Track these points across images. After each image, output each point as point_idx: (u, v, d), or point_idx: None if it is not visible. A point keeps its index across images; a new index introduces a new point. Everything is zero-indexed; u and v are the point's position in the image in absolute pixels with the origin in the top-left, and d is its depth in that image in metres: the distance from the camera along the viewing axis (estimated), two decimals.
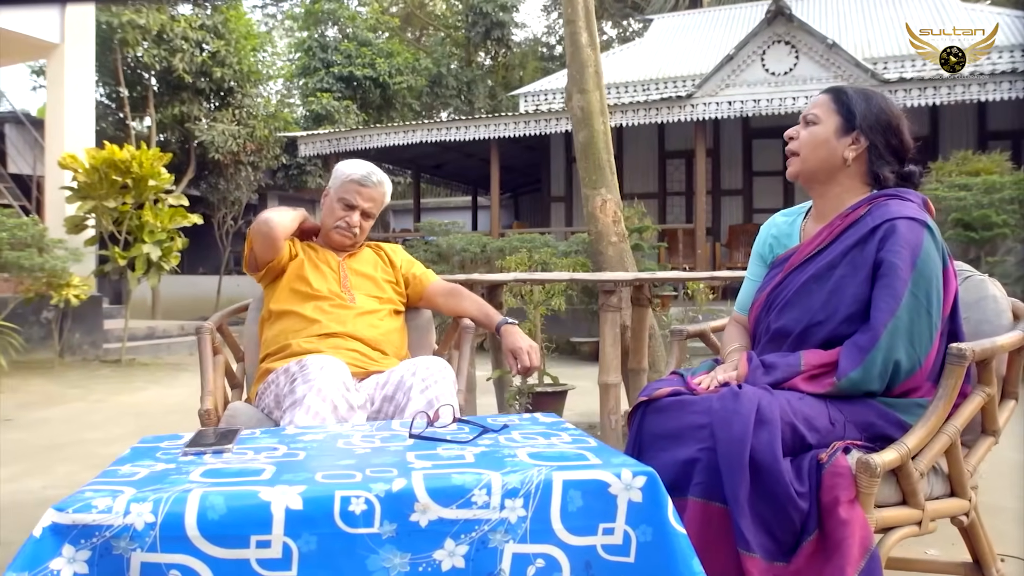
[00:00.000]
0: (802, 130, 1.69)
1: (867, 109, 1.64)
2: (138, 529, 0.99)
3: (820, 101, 1.70)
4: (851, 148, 1.63)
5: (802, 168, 1.70)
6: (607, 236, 3.92)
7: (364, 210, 2.25)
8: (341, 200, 2.25)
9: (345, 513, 1.03)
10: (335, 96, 16.68)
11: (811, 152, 1.67)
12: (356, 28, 18.29)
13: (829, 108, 1.67)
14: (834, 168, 1.66)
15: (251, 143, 12.90)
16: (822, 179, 1.69)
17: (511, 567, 1.08)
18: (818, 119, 1.67)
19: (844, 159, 1.64)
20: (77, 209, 6.79)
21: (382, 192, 2.29)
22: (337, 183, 2.27)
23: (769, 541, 1.35)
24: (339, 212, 2.25)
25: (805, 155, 1.69)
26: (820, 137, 1.66)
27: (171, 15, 11.05)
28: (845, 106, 1.65)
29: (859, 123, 1.63)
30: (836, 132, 1.64)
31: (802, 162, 1.69)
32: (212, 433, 1.38)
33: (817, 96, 1.72)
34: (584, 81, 3.95)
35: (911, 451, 1.37)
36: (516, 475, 1.10)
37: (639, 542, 1.12)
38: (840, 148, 1.64)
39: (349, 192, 2.24)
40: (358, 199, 2.23)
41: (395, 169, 16.60)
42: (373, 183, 2.24)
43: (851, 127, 1.63)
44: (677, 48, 11.98)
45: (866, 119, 1.63)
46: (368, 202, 2.25)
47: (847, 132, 1.64)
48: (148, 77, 11.75)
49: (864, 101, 1.66)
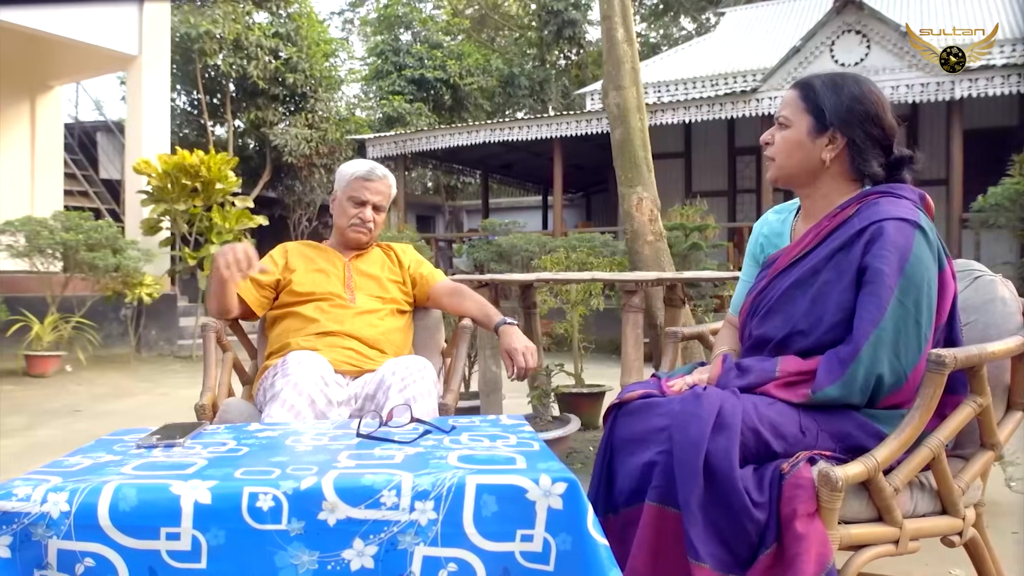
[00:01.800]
0: (776, 133, 1.58)
1: (837, 102, 1.51)
2: (54, 517, 1.02)
3: (788, 100, 1.58)
4: (828, 149, 1.52)
5: (779, 174, 1.60)
6: (643, 235, 3.84)
7: (374, 204, 2.30)
8: (351, 199, 2.29)
9: (253, 509, 1.05)
10: (407, 99, 17.00)
11: (787, 158, 1.56)
12: (428, 31, 18.59)
13: (798, 107, 1.55)
14: (814, 170, 1.55)
15: (323, 146, 13.28)
16: (804, 182, 1.58)
17: (421, 570, 1.07)
18: (789, 121, 1.55)
19: (823, 160, 1.53)
20: (151, 212, 7.16)
21: (388, 185, 2.33)
22: (343, 184, 2.32)
23: (723, 551, 1.29)
24: (351, 210, 2.29)
25: (780, 162, 1.58)
26: (793, 141, 1.54)
27: (246, 24, 11.50)
28: (813, 103, 1.53)
29: (830, 120, 1.51)
30: (809, 133, 1.52)
31: (779, 168, 1.59)
32: (176, 428, 1.43)
33: (786, 93, 1.60)
34: (620, 78, 3.88)
35: (880, 465, 1.28)
36: (427, 477, 1.09)
37: (559, 551, 1.09)
38: (816, 150, 1.52)
39: (357, 189, 2.28)
40: (366, 194, 2.27)
41: (465, 169, 16.80)
42: (378, 176, 2.29)
43: (824, 126, 1.51)
44: (748, 41, 11.63)
45: (837, 114, 1.50)
46: (376, 195, 2.30)
47: (821, 132, 1.52)
48: (226, 84, 12.26)
49: (833, 92, 1.52)
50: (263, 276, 2.28)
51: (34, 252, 5.86)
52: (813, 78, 1.56)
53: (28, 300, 6.06)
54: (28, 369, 5.88)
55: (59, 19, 6.87)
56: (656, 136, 11.81)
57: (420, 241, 10.09)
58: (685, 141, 11.54)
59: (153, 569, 1.04)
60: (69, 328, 6.03)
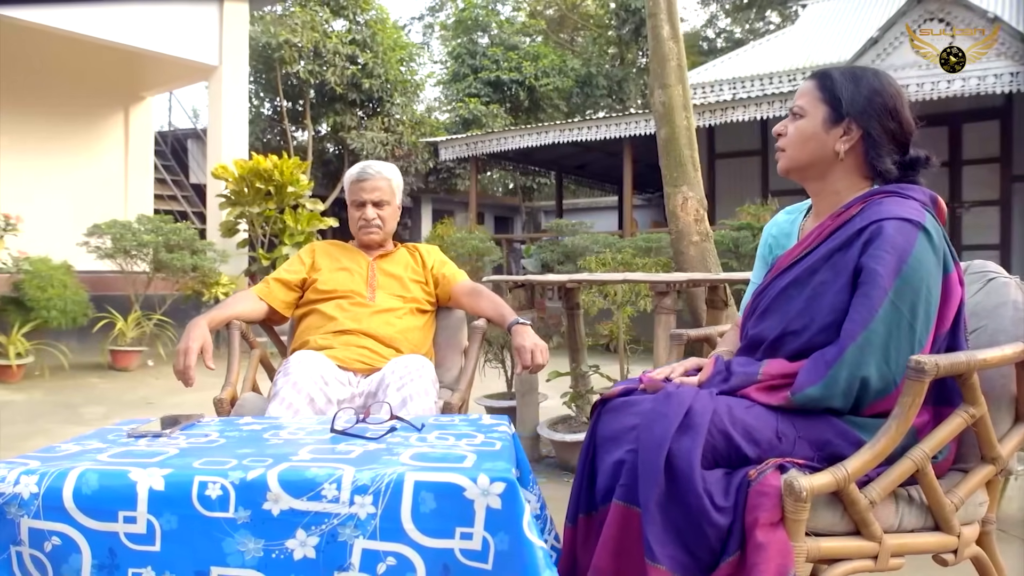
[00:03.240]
0: (789, 124, 1.54)
1: (855, 92, 1.47)
2: (24, 498, 1.11)
3: (805, 89, 1.54)
4: (843, 140, 1.47)
5: (790, 165, 1.55)
6: (688, 235, 3.77)
7: (373, 201, 2.36)
8: (352, 203, 2.38)
9: (202, 497, 1.10)
10: (483, 100, 17.18)
11: (799, 149, 1.52)
12: (504, 33, 18.73)
13: (815, 97, 1.51)
14: (827, 163, 1.50)
15: (399, 149, 13.58)
16: (815, 175, 1.54)
17: (361, 563, 1.10)
18: (804, 111, 1.51)
19: (836, 152, 1.48)
20: (227, 215, 7.51)
21: (385, 178, 2.38)
22: (346, 192, 2.40)
23: (684, 555, 1.26)
24: (355, 214, 2.38)
25: (792, 152, 1.53)
26: (808, 131, 1.50)
27: (324, 32, 11.89)
28: (831, 92, 1.48)
29: (847, 109, 1.46)
30: (824, 123, 1.48)
31: (790, 159, 1.54)
32: (172, 420, 1.51)
33: (802, 84, 1.56)
34: (666, 75, 3.82)
35: (851, 476, 1.22)
36: (368, 472, 1.12)
37: (497, 549, 1.10)
38: (831, 141, 1.48)
39: (353, 192, 2.37)
40: (362, 194, 2.35)
41: (540, 171, 16.83)
42: (370, 175, 2.35)
43: (840, 116, 1.47)
44: (828, 34, 11.16)
45: (855, 104, 1.46)
46: (373, 193, 2.35)
47: (836, 122, 1.47)
48: (306, 91, 12.71)
49: (852, 83, 1.48)
50: (290, 275, 2.38)
51: (119, 253, 6.25)
52: (832, 69, 1.52)
53: (114, 298, 6.48)
54: (112, 363, 6.27)
55: (148, 35, 7.30)
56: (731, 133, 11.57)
57: (488, 242, 10.18)
58: (762, 138, 11.19)
59: (112, 550, 1.11)
60: (151, 325, 6.39)
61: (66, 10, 6.58)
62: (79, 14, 6.70)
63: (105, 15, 6.92)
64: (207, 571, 1.10)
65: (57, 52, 7.56)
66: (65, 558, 1.10)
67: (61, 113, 8.00)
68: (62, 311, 5.64)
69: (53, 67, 7.77)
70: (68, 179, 7.90)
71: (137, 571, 1.10)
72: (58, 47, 7.37)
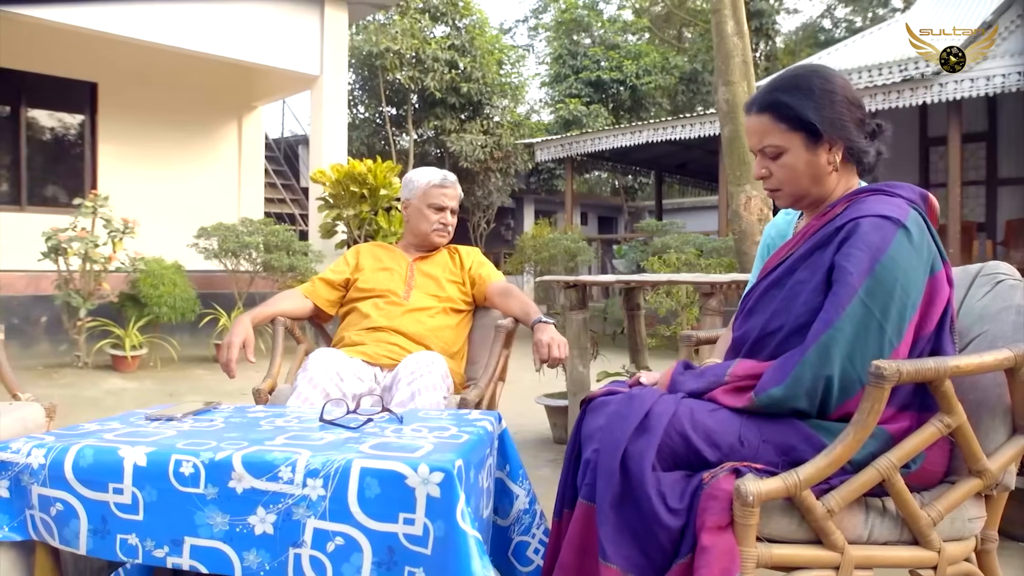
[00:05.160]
0: (769, 165, 1.48)
1: (817, 106, 1.41)
2: (34, 468, 1.27)
3: (761, 127, 1.47)
4: (830, 153, 1.43)
5: (796, 197, 1.51)
6: (751, 235, 3.68)
7: (451, 208, 2.49)
8: (431, 206, 2.46)
9: (177, 473, 1.23)
10: (584, 101, 17.16)
11: (798, 183, 1.47)
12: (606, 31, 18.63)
13: (779, 130, 1.44)
14: (824, 177, 1.46)
15: (498, 151, 13.81)
16: (818, 193, 1.50)
17: (312, 540, 1.20)
18: (778, 147, 1.45)
19: (829, 163, 1.45)
20: (325, 217, 7.90)
21: (459, 190, 2.53)
22: (419, 192, 2.48)
23: (639, 555, 1.27)
24: (432, 216, 2.46)
25: (791, 190, 1.49)
26: (797, 163, 1.44)
27: (424, 39, 12.26)
28: (795, 118, 1.42)
29: (822, 128, 1.41)
30: (806, 148, 1.43)
31: (792, 195, 1.50)
32: (188, 406, 1.67)
33: (750, 123, 1.50)
34: (730, 72, 3.74)
35: (803, 482, 1.20)
36: (319, 457, 1.21)
37: (435, 536, 1.17)
38: (821, 159, 1.44)
39: (435, 196, 2.45)
40: (444, 200, 2.46)
41: (640, 170, 16.64)
42: (451, 183, 2.49)
43: (818, 134, 1.42)
44: (944, 20, 10.42)
45: (824, 119, 1.41)
46: (452, 200, 2.49)
47: (816, 141, 1.43)
48: (408, 96, 13.15)
49: (808, 99, 1.42)
50: (334, 275, 2.53)
51: (224, 254, 6.73)
52: (772, 95, 1.45)
53: (220, 296, 6.98)
54: (217, 356, 6.75)
55: (258, 49, 7.81)
56: None
57: (580, 242, 10.19)
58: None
59: (104, 517, 1.25)
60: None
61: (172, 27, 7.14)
62: (194, 33, 7.26)
63: (217, 33, 7.46)
64: (181, 540, 1.23)
65: (176, 68, 8.21)
66: (66, 522, 1.26)
67: (180, 124, 8.67)
68: (172, 307, 6.14)
69: (173, 82, 8.45)
70: (186, 185, 8.56)
71: (124, 537, 1.24)
72: (178, 64, 8.00)
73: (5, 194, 7.66)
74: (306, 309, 2.50)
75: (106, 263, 5.86)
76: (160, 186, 8.24)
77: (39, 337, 6.43)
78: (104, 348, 6.07)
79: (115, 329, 6.10)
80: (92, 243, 5.76)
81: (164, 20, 7.12)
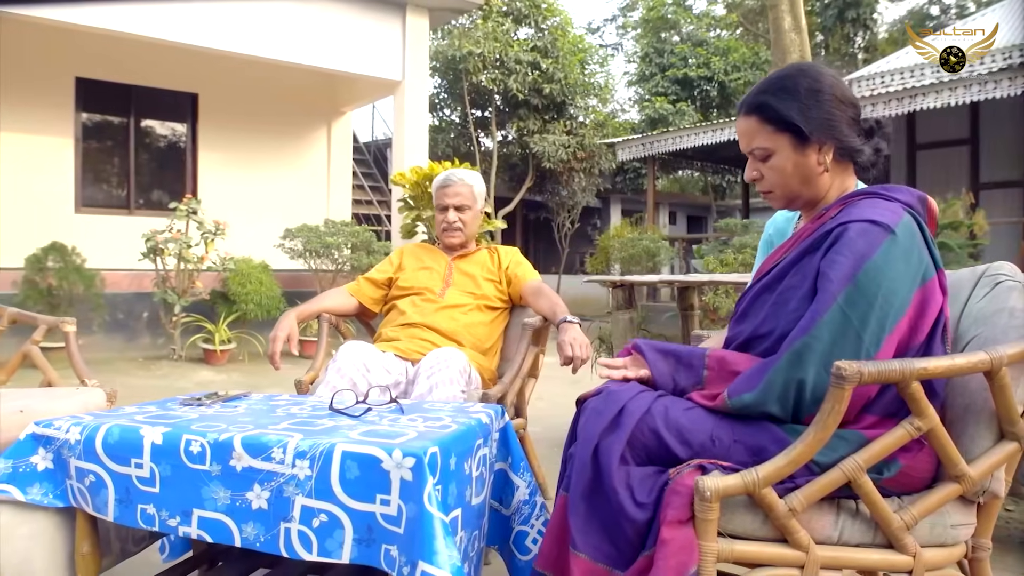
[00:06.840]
0: (760, 167, 1.49)
1: (803, 107, 1.41)
2: (71, 443, 1.45)
3: (748, 129, 1.47)
4: (821, 153, 1.44)
5: (788, 199, 1.52)
6: None
7: (455, 205, 2.58)
8: (436, 207, 2.60)
9: (187, 451, 1.37)
10: (670, 99, 16.93)
11: (787, 185, 1.48)
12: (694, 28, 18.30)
13: (766, 132, 1.45)
14: (816, 177, 1.47)
15: (581, 151, 13.82)
16: (811, 193, 1.50)
17: (300, 516, 1.31)
18: (766, 149, 1.46)
19: (820, 164, 1.45)
20: (405, 218, 8.16)
21: (467, 185, 2.59)
22: (433, 198, 2.62)
23: (609, 546, 1.33)
24: (438, 217, 2.60)
25: (782, 192, 1.50)
26: (785, 165, 1.45)
27: (506, 41, 12.41)
28: (781, 120, 1.43)
29: (809, 129, 1.41)
30: (794, 150, 1.44)
31: (783, 197, 1.51)
32: (216, 394, 1.83)
33: (739, 125, 1.50)
34: None
35: (761, 480, 1.22)
36: (307, 441, 1.32)
37: (407, 516, 1.26)
38: (811, 160, 1.44)
39: (439, 198, 2.58)
40: (445, 199, 2.58)
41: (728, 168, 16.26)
42: (452, 181, 2.57)
43: (805, 135, 1.42)
44: None
45: (811, 120, 1.41)
46: (455, 198, 2.57)
47: (805, 142, 1.43)
48: (491, 99, 13.36)
49: (791, 99, 1.42)
50: (378, 275, 2.68)
51: (307, 254, 7.08)
52: (758, 96, 1.46)
53: (303, 294, 7.34)
54: (301, 351, 7.12)
55: (345, 57, 8.16)
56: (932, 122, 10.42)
57: (660, 242, 10.09)
58: (971, 126, 10.00)
59: (128, 488, 1.41)
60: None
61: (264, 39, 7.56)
62: (284, 44, 7.67)
63: (306, 43, 7.85)
64: (190, 512, 1.37)
65: (268, 78, 8.68)
66: (97, 492, 1.43)
67: (273, 131, 9.17)
68: (258, 304, 6.52)
69: (266, 91, 8.94)
70: (277, 188, 9.04)
71: (144, 507, 1.40)
72: (270, 74, 8.47)
73: (116, 199, 8.33)
74: (351, 306, 2.65)
75: (198, 263, 6.29)
76: (253, 189, 8.74)
77: (141, 331, 6.97)
78: (197, 342, 6.51)
79: (207, 325, 6.54)
80: (186, 244, 6.20)
81: (257, 33, 7.56)
